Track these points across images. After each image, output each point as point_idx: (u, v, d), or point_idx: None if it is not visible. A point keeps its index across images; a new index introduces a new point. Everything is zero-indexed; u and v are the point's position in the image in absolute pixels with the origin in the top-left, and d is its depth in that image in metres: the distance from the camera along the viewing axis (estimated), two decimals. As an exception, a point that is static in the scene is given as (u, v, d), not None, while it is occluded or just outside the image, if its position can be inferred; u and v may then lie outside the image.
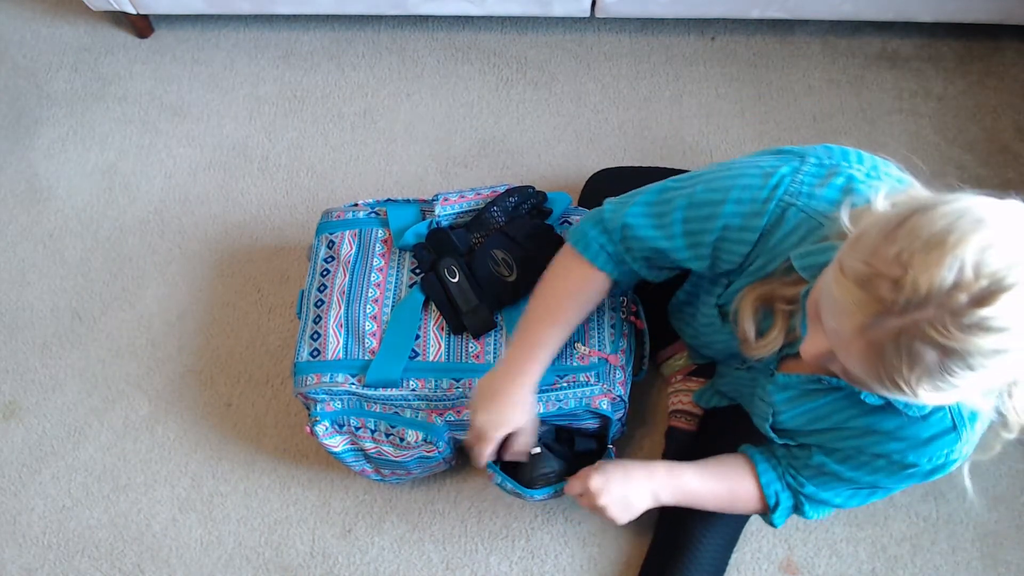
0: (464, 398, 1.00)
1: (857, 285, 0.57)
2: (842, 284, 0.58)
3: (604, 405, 1.01)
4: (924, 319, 0.54)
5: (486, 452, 0.96)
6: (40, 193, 1.53)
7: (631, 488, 0.93)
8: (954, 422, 0.74)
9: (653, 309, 1.14)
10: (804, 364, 0.83)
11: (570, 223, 1.13)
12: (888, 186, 0.70)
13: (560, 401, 1.01)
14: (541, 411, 1.00)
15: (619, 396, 1.02)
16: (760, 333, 0.82)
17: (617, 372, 1.03)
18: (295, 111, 1.60)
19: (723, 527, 1.10)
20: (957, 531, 1.20)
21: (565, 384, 1.00)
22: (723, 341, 0.94)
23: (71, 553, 1.23)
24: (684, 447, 1.20)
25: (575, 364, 1.02)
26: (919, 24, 1.59)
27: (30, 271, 1.46)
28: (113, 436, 1.31)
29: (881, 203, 0.65)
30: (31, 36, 1.72)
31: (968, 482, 0.78)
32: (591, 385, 1.00)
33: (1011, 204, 0.57)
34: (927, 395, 0.57)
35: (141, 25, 1.66)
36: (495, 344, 1.03)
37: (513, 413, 0.93)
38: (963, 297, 0.53)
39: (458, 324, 1.03)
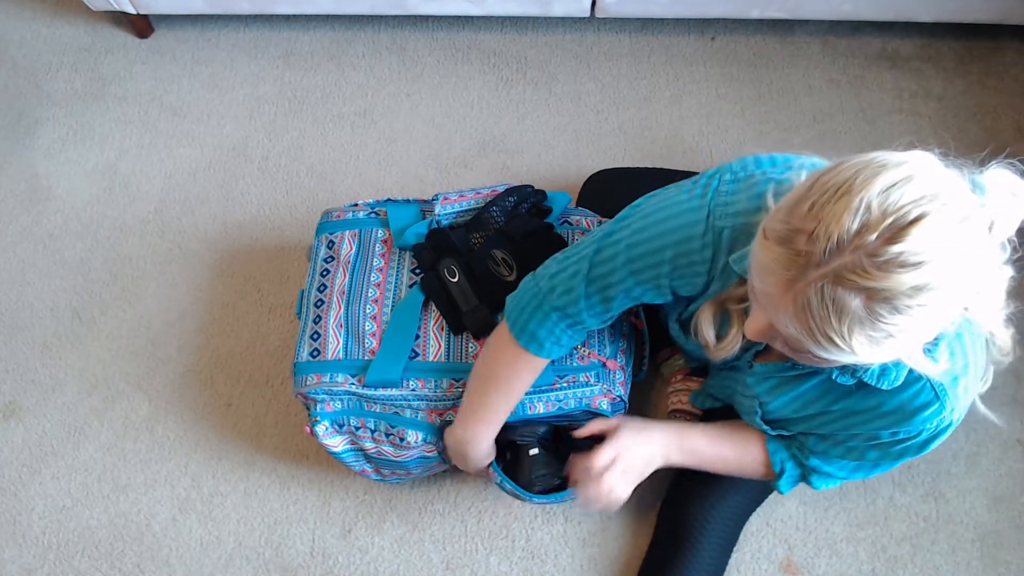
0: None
1: (777, 244, 0.59)
2: (764, 246, 0.60)
3: (604, 405, 1.01)
4: (841, 265, 0.55)
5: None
6: (40, 193, 1.53)
7: (649, 449, 0.97)
8: (935, 392, 0.75)
9: (652, 309, 1.14)
10: (776, 354, 0.84)
11: (570, 223, 1.13)
12: (807, 169, 0.73)
13: (560, 401, 1.00)
14: (541, 411, 1.00)
15: (619, 396, 1.02)
16: (719, 337, 0.83)
17: (617, 372, 1.03)
18: (295, 111, 1.60)
19: (723, 527, 1.10)
20: (957, 531, 1.20)
21: (565, 384, 1.00)
22: (696, 348, 0.95)
23: (71, 553, 1.23)
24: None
25: (575, 364, 1.02)
26: (919, 24, 1.59)
27: (30, 271, 1.46)
28: (113, 436, 1.31)
29: (800, 180, 0.66)
30: (31, 36, 1.72)
31: (987, 411, 0.79)
32: (591, 385, 1.00)
33: (915, 153, 0.59)
34: (864, 349, 0.58)
35: (141, 25, 1.66)
36: (495, 344, 1.02)
37: (484, 460, 1.02)
38: (873, 237, 0.54)
39: (458, 324, 1.03)
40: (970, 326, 0.74)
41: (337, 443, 1.04)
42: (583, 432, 0.99)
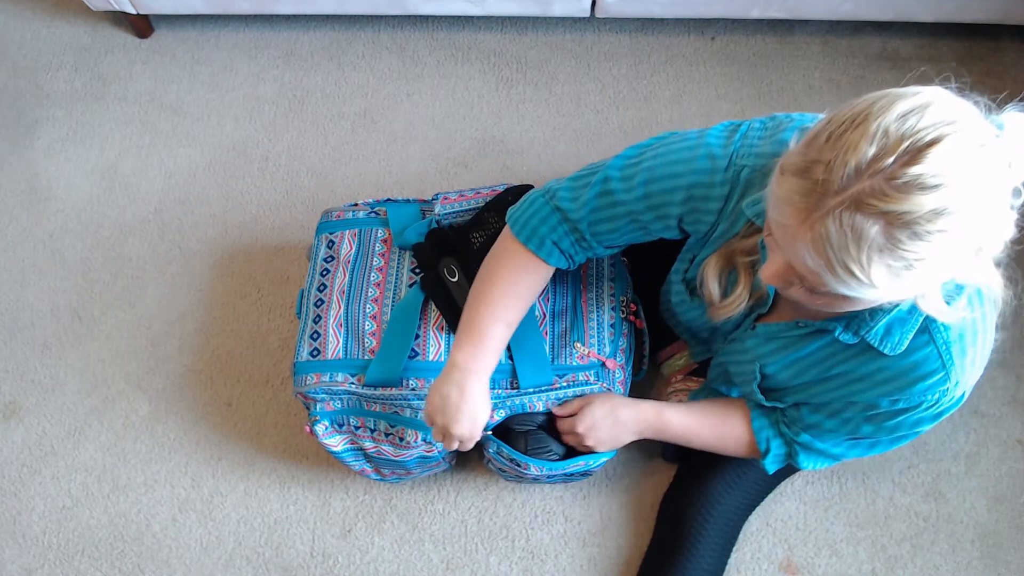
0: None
1: (795, 175, 0.59)
2: (782, 180, 0.60)
3: (604, 405, 1.01)
4: (860, 191, 0.55)
5: (470, 445, 0.96)
6: (40, 193, 1.53)
7: (618, 429, 0.98)
8: (941, 360, 0.74)
9: (653, 309, 1.14)
10: (782, 314, 0.84)
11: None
12: None
13: (560, 401, 1.01)
14: (541, 410, 1.01)
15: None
16: (725, 294, 0.84)
17: (617, 372, 1.03)
18: (295, 111, 1.60)
19: (722, 527, 1.10)
20: (957, 531, 1.20)
21: (564, 384, 1.00)
22: (698, 317, 0.95)
23: (71, 553, 1.23)
24: (683, 446, 1.21)
25: (575, 364, 1.02)
26: (919, 24, 1.59)
27: (30, 271, 1.46)
28: (113, 436, 1.31)
29: None
30: (31, 36, 1.72)
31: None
32: (591, 384, 1.00)
33: (930, 87, 0.59)
34: (884, 280, 0.58)
35: (141, 25, 1.66)
36: (495, 344, 1.02)
37: (481, 411, 0.92)
38: (891, 160, 0.54)
39: (457, 323, 1.03)
40: (985, 297, 0.73)
41: (337, 443, 1.04)
42: (562, 410, 1.01)
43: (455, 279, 1.03)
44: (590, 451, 1.00)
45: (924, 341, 0.74)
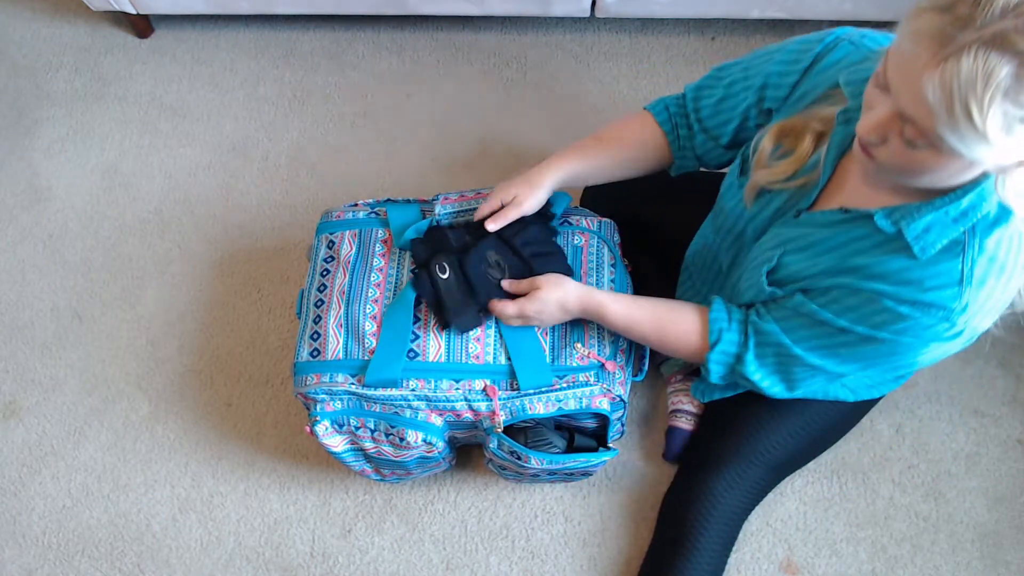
0: (465, 400, 1.00)
1: (936, 11, 0.60)
2: (919, 14, 0.61)
3: (604, 405, 1.01)
4: (1002, 28, 0.56)
5: (485, 209, 1.04)
6: (40, 193, 1.53)
7: (562, 315, 0.99)
8: (962, 276, 0.73)
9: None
10: (830, 200, 0.85)
11: (570, 223, 1.13)
12: None
13: (560, 402, 1.00)
14: (541, 411, 1.00)
15: (619, 396, 1.02)
16: (775, 160, 0.87)
17: (616, 372, 1.03)
18: (295, 111, 1.60)
19: (722, 527, 1.10)
20: (957, 531, 1.20)
21: (564, 384, 1.00)
22: (736, 206, 0.96)
23: (71, 553, 1.24)
24: (684, 446, 1.21)
25: (575, 364, 1.01)
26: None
27: (30, 271, 1.46)
28: (113, 436, 1.31)
29: None
30: (31, 36, 1.72)
31: None
32: (590, 385, 1.00)
33: None
34: (995, 128, 0.58)
35: (141, 25, 1.66)
36: (495, 346, 1.02)
37: (523, 184, 1.03)
38: None
39: (443, 320, 1.02)
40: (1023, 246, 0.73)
41: (337, 443, 1.04)
42: (516, 287, 1.01)
43: (444, 276, 1.02)
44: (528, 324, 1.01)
45: (955, 253, 0.73)
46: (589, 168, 1.04)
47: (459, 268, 1.03)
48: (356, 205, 1.16)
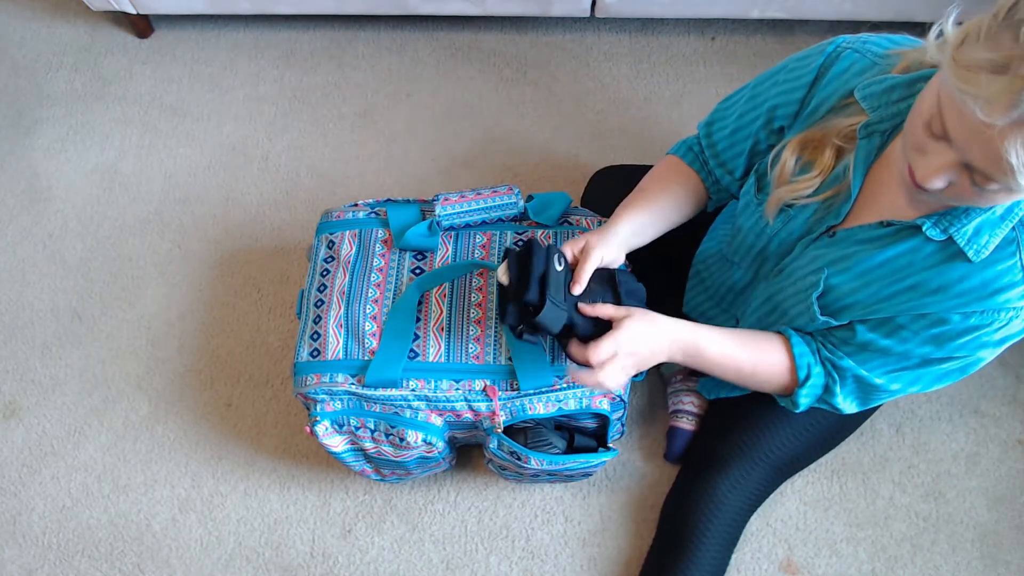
0: (465, 400, 1.00)
1: (995, 73, 0.57)
2: (975, 80, 0.58)
3: (604, 405, 1.01)
4: None
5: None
6: (40, 193, 1.53)
7: (654, 346, 0.89)
8: (1022, 268, 0.72)
9: (654, 308, 1.13)
10: (866, 213, 0.82)
11: (570, 223, 1.13)
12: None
13: (560, 402, 1.00)
14: (541, 412, 1.00)
15: (619, 396, 1.02)
16: (798, 174, 0.85)
17: (617, 372, 1.03)
18: (295, 111, 1.60)
19: (724, 527, 1.10)
20: (957, 531, 1.20)
21: (564, 385, 1.00)
22: (756, 224, 0.93)
23: (71, 553, 1.24)
24: (685, 447, 1.21)
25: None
26: (920, 24, 1.59)
27: (30, 271, 1.46)
28: (113, 436, 1.31)
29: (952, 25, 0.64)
30: (31, 36, 1.72)
31: None
32: (591, 385, 1.00)
33: None
34: None
35: (141, 25, 1.66)
36: (494, 347, 1.03)
37: (593, 234, 0.96)
38: None
39: (534, 306, 0.90)
40: None
41: (337, 443, 1.04)
42: (592, 311, 0.90)
43: (560, 268, 0.92)
44: (602, 383, 0.86)
45: (1010, 252, 0.72)
46: (649, 216, 0.99)
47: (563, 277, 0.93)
48: (356, 205, 1.16)
